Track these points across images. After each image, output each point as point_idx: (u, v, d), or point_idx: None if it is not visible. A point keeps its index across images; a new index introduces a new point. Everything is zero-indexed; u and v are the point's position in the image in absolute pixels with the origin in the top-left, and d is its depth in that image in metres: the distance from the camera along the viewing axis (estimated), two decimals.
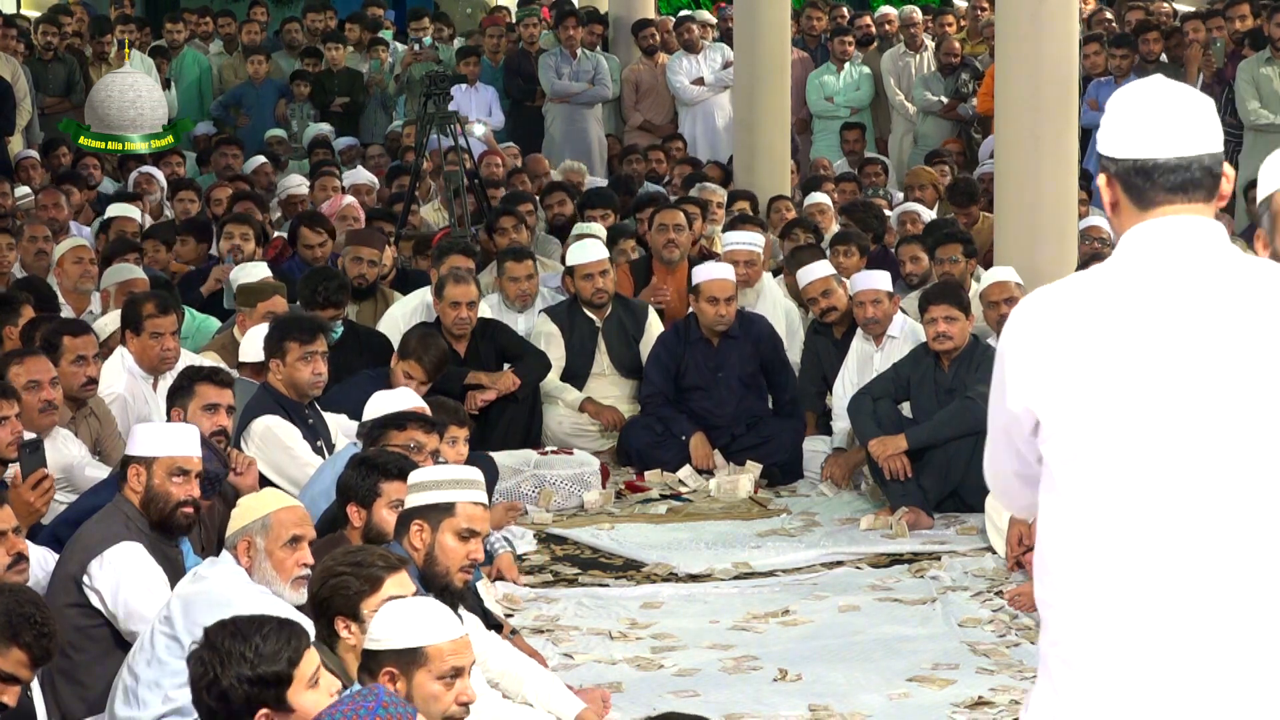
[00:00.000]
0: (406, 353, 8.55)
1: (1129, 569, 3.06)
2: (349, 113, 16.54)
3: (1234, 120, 12.80)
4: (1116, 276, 3.15)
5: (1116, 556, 3.07)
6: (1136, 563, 3.06)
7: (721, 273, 9.42)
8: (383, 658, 4.46)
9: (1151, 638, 3.04)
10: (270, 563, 5.22)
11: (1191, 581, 3.03)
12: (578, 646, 6.84)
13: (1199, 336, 3.06)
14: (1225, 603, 3.03)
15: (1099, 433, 3.10)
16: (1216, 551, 3.03)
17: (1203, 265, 3.11)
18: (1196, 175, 3.14)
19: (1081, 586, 3.10)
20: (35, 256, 10.59)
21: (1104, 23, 15.89)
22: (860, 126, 15.54)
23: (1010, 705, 6.13)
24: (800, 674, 6.47)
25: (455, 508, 5.47)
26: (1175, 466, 3.06)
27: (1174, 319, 3.08)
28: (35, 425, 6.91)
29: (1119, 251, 3.18)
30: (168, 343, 7.94)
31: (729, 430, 9.34)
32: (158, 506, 5.67)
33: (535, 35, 16.66)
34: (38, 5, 20.90)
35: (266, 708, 4.08)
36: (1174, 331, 3.08)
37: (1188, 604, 3.03)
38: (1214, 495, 3.04)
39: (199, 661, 4.12)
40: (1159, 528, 3.05)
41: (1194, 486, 3.05)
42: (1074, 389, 3.11)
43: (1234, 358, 3.06)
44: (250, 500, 5.40)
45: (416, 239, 11.68)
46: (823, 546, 8.12)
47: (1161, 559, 3.04)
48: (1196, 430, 3.05)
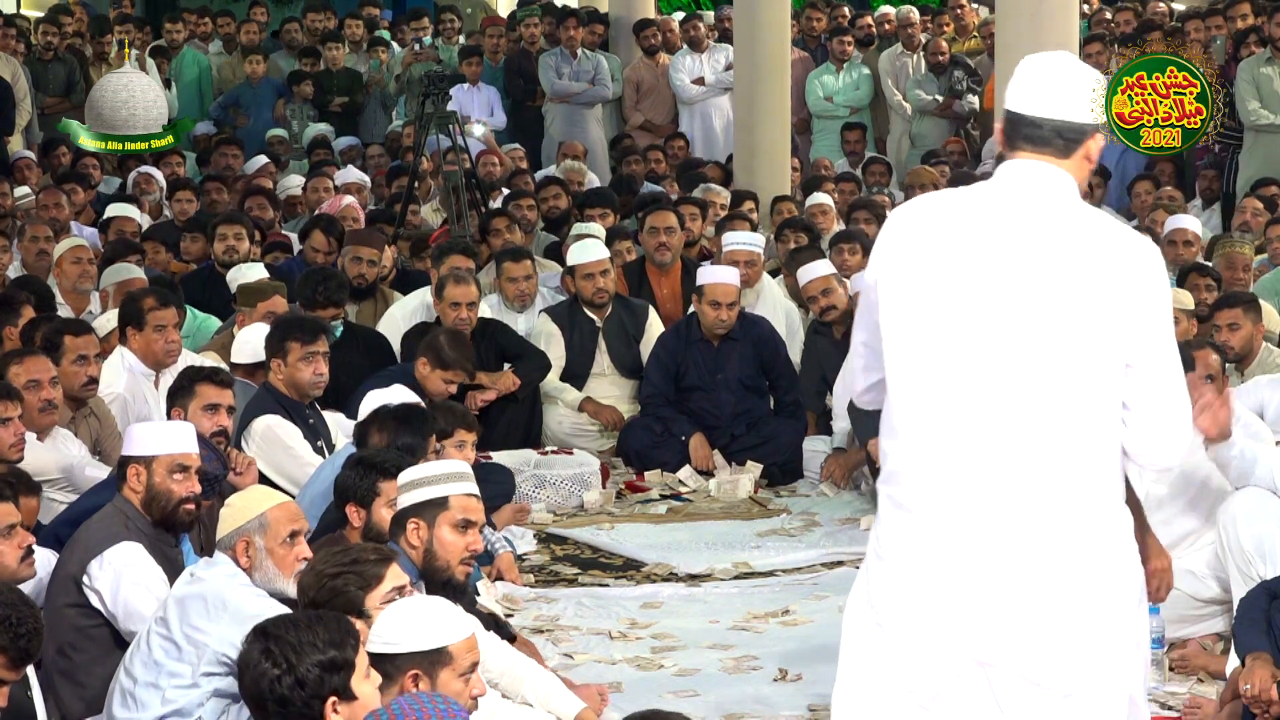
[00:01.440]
0: (447, 362, 8.45)
1: (937, 431, 3.95)
2: (348, 113, 16.54)
3: (1234, 120, 12.79)
4: (972, 195, 4.05)
5: (929, 421, 3.96)
6: (941, 426, 3.94)
7: (725, 276, 9.41)
8: (403, 661, 4.49)
9: (951, 493, 3.93)
10: (272, 560, 5.26)
11: (984, 445, 3.91)
12: (578, 646, 6.84)
13: (1015, 253, 3.93)
14: (1013, 461, 3.90)
15: (923, 314, 3.96)
16: (1007, 422, 3.90)
17: (1034, 201, 3.97)
18: (1046, 134, 3.99)
19: (907, 441, 4.00)
20: (37, 257, 10.58)
21: (1104, 23, 15.90)
22: (861, 126, 15.54)
23: None
24: (800, 674, 6.47)
25: (449, 501, 5.50)
26: (979, 353, 3.92)
27: (999, 235, 3.95)
28: (35, 425, 6.92)
29: (957, 191, 4.09)
30: (171, 335, 7.97)
31: (729, 430, 9.33)
32: (160, 505, 5.68)
33: (535, 35, 16.65)
34: (38, 5, 20.90)
35: (336, 695, 4.13)
36: (996, 244, 3.95)
37: (983, 461, 3.91)
38: (1007, 380, 3.90)
39: (264, 657, 4.14)
40: (961, 400, 3.92)
41: (991, 372, 3.91)
42: (909, 273, 3.99)
43: (1039, 273, 3.90)
44: (239, 500, 5.39)
45: (414, 239, 11.68)
46: (823, 546, 8.12)
47: (963, 425, 3.92)
48: (996, 322, 3.91)
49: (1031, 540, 3.91)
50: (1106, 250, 3.92)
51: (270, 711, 4.17)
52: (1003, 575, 3.92)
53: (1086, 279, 3.89)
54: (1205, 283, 9.27)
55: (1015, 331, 3.90)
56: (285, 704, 4.14)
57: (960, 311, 3.93)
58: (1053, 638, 3.92)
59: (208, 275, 10.58)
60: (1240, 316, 8.29)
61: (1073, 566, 3.92)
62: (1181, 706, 6.00)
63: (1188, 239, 10.44)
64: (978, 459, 3.92)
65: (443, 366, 8.46)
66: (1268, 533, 6.11)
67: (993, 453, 3.91)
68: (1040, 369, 3.89)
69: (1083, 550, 3.92)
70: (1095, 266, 3.90)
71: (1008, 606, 3.92)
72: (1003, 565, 3.92)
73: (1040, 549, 3.91)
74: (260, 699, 4.17)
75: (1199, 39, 13.86)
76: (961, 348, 3.92)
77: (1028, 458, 3.90)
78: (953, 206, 4.03)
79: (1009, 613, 3.92)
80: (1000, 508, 3.91)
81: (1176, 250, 10.32)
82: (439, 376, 8.44)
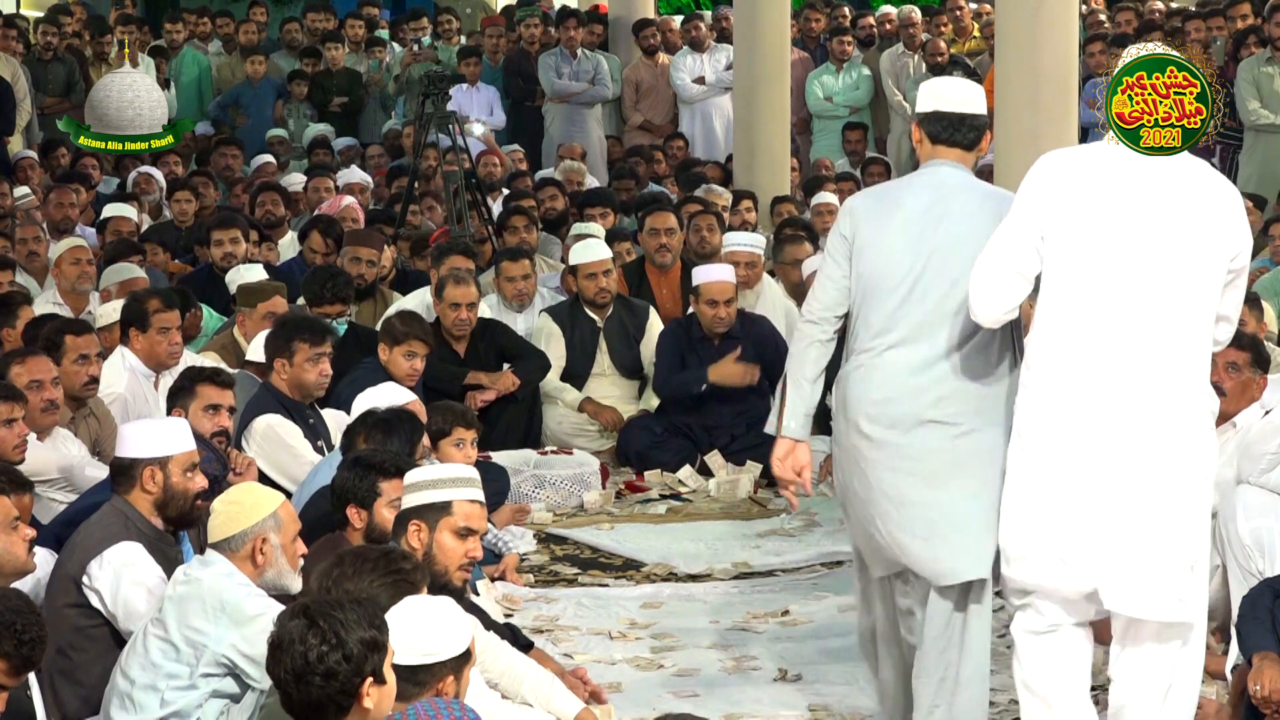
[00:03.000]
0: (399, 337, 8.39)
1: (1076, 338, 5.07)
2: (348, 113, 16.53)
3: (1234, 120, 12.78)
4: (1104, 150, 5.14)
5: (1071, 330, 5.08)
6: (1081, 335, 5.07)
7: (721, 274, 9.42)
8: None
9: (1085, 390, 5.05)
10: (285, 557, 5.29)
11: (1114, 352, 5.03)
12: (577, 646, 6.84)
13: (1149, 194, 5.07)
14: (1137, 372, 5.02)
15: (1075, 252, 5.08)
16: (1141, 325, 5.03)
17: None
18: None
19: (1050, 345, 5.12)
20: (27, 258, 10.58)
21: (1103, 23, 15.88)
22: (863, 127, 15.54)
23: (1010, 705, 6.13)
24: (800, 674, 6.48)
25: (452, 506, 5.47)
26: (1122, 269, 5.04)
27: (1137, 179, 5.07)
28: (37, 425, 6.92)
29: (1094, 144, 5.32)
30: (174, 338, 8.03)
31: (729, 430, 9.34)
32: (178, 504, 5.70)
33: (535, 35, 16.65)
34: (37, 5, 20.90)
35: (373, 675, 4.18)
36: (1135, 187, 5.07)
37: (1110, 365, 5.03)
38: (1141, 288, 5.04)
39: (310, 633, 4.16)
40: (1107, 307, 5.05)
41: (1129, 283, 5.04)
42: (1068, 208, 5.09)
43: (1167, 207, 5.07)
44: (245, 498, 5.34)
45: (414, 239, 11.68)
46: (822, 546, 8.13)
47: (1097, 336, 5.06)
48: (1135, 244, 5.04)
49: (1148, 435, 5.04)
50: (1213, 192, 5.09)
51: (312, 687, 4.16)
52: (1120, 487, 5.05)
53: (1202, 213, 5.05)
54: None
55: (1149, 252, 5.03)
56: (331, 677, 4.15)
57: (1108, 237, 5.06)
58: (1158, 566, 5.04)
59: (207, 276, 10.58)
60: (1245, 314, 8.26)
61: (1180, 471, 5.05)
62: None
63: None
64: (1113, 357, 5.04)
65: (396, 341, 8.35)
66: (1266, 526, 6.12)
67: (1125, 354, 5.04)
68: (1167, 282, 5.02)
69: (1187, 451, 5.06)
70: (1207, 203, 5.06)
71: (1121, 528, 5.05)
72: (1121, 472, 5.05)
73: (1154, 445, 5.04)
74: (303, 674, 4.15)
75: (1199, 39, 13.86)
76: (1108, 266, 5.05)
77: (1154, 358, 5.03)
78: (1092, 157, 5.17)
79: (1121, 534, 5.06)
80: (1124, 402, 5.04)
81: None
82: (399, 353, 8.32)
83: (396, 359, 8.34)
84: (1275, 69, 12.88)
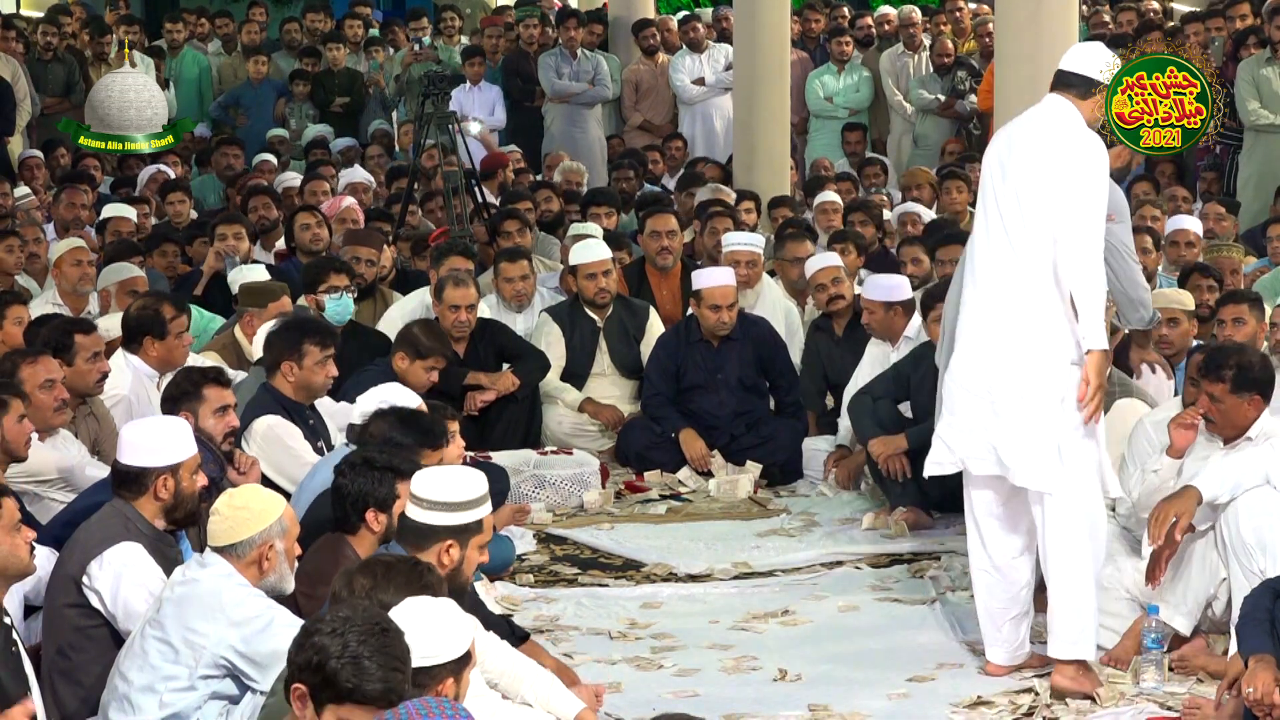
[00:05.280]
0: (424, 352, 8.49)
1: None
2: (348, 113, 16.53)
3: (1234, 120, 12.78)
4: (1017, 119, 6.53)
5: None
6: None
7: (722, 278, 9.40)
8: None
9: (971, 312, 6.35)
10: (286, 560, 5.31)
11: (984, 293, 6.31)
12: (577, 646, 6.84)
13: (1009, 156, 6.29)
14: (1000, 293, 6.24)
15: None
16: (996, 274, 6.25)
17: (1037, 121, 6.39)
18: (1069, 79, 6.40)
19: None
20: (27, 259, 10.58)
21: (1104, 24, 15.88)
22: (862, 127, 15.54)
23: (1010, 705, 6.13)
24: (800, 674, 6.48)
25: (483, 524, 5.49)
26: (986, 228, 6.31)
27: (1009, 145, 6.38)
28: (48, 424, 6.92)
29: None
30: (187, 340, 8.10)
31: (729, 430, 9.33)
32: (187, 506, 5.72)
33: (534, 36, 16.65)
34: (37, 5, 20.90)
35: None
36: (1006, 152, 6.33)
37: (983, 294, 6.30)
38: (995, 243, 6.27)
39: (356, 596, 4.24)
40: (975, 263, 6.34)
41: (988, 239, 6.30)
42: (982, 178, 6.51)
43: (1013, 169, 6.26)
44: (252, 503, 5.29)
45: (414, 239, 11.67)
46: (822, 546, 8.12)
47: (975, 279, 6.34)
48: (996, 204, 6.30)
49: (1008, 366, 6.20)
50: (1056, 147, 6.02)
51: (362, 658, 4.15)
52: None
53: (1037, 170, 6.06)
54: (1207, 283, 9.23)
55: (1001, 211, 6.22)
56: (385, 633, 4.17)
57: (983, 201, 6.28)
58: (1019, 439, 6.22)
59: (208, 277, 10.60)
60: (1246, 312, 8.24)
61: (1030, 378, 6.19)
62: (1181, 706, 5.99)
63: (1189, 239, 10.42)
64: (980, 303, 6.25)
65: (420, 356, 8.46)
66: (1268, 525, 6.11)
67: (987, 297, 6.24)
68: (1009, 237, 6.15)
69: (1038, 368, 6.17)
70: (1045, 159, 6.01)
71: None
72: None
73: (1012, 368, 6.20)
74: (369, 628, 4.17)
75: (1199, 39, 13.87)
76: (980, 228, 6.28)
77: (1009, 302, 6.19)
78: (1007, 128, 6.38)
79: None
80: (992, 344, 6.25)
81: (1178, 250, 10.31)
82: (420, 367, 8.44)
83: (416, 371, 8.40)
84: (1275, 69, 12.88)
